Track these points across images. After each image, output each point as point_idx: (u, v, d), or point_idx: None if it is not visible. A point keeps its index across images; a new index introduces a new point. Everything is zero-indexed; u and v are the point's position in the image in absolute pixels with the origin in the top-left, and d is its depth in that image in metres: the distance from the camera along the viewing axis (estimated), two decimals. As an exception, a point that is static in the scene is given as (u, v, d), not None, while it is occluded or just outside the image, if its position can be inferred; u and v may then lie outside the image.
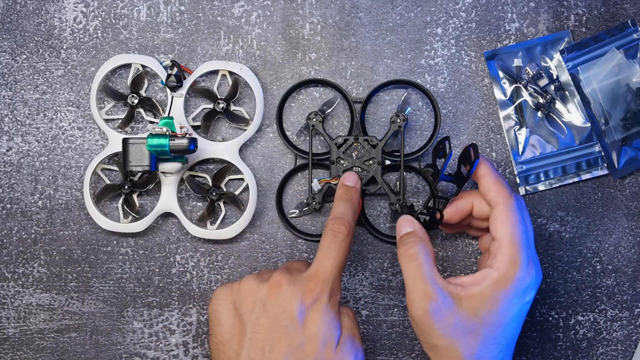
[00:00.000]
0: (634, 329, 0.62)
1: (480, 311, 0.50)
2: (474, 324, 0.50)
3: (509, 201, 0.52)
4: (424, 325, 0.50)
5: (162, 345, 0.63)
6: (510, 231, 0.51)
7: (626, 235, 0.62)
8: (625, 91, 0.61)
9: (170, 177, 0.61)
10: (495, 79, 0.62)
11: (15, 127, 0.63)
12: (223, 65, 0.61)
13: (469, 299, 0.50)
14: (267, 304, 0.49)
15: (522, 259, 0.50)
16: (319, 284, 0.48)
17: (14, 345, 0.63)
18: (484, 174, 0.53)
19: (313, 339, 0.47)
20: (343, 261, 0.51)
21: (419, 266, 0.50)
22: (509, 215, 0.51)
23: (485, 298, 0.50)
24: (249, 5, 0.63)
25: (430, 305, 0.49)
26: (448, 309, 0.49)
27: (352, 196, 0.55)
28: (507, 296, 0.50)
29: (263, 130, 0.63)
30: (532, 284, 0.51)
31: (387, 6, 0.63)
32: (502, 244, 0.51)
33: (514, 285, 0.50)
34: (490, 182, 0.53)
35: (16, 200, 0.63)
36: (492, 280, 0.50)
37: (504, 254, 0.50)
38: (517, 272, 0.50)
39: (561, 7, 0.62)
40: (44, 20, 0.63)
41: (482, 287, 0.50)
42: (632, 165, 0.62)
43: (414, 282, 0.50)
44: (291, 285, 0.49)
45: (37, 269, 0.63)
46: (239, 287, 0.51)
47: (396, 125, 0.60)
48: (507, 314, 0.50)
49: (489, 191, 0.53)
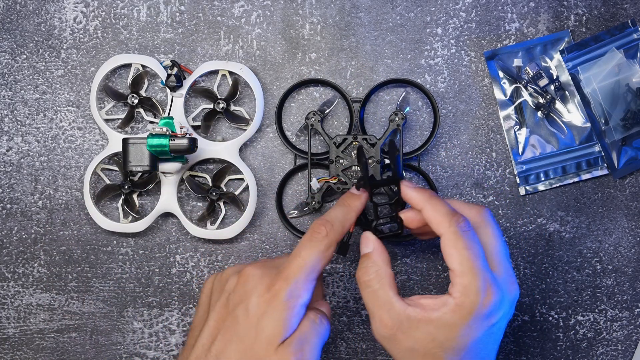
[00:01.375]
0: (634, 329, 0.62)
1: (438, 336, 0.49)
2: (432, 348, 0.49)
3: (449, 230, 0.50)
4: (385, 347, 0.50)
5: (162, 345, 0.63)
6: (458, 260, 0.49)
7: (626, 235, 0.62)
8: (625, 91, 0.61)
9: (170, 177, 0.61)
10: (495, 79, 0.62)
11: (15, 127, 0.63)
12: (223, 65, 0.61)
13: (427, 324, 0.49)
14: (231, 294, 0.49)
15: (478, 286, 0.48)
16: (280, 280, 0.48)
17: (14, 345, 0.63)
18: (421, 207, 0.51)
19: (259, 333, 0.47)
20: (314, 262, 0.49)
21: (373, 292, 0.50)
22: (453, 244, 0.49)
23: (443, 324, 0.49)
24: (249, 5, 0.63)
25: (385, 331, 0.49)
26: (404, 333, 0.49)
27: (351, 203, 0.53)
28: (466, 322, 0.48)
29: (263, 130, 0.63)
30: (495, 308, 0.49)
31: (387, 6, 0.63)
32: (455, 273, 0.49)
33: (472, 313, 0.48)
34: (429, 215, 0.51)
35: (16, 200, 0.63)
36: (450, 307, 0.49)
37: (458, 284, 0.49)
38: (473, 299, 0.48)
39: (561, 7, 0.62)
40: (44, 20, 0.63)
41: (440, 314, 0.49)
42: (632, 165, 0.62)
43: (372, 308, 0.50)
44: (256, 279, 0.49)
45: (37, 269, 0.63)
46: (219, 276, 0.52)
47: (395, 124, 0.60)
48: (467, 338, 0.49)
49: (431, 224, 0.51)
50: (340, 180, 0.61)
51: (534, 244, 0.62)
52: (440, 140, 0.63)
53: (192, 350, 0.49)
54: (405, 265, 0.62)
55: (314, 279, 0.49)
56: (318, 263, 0.49)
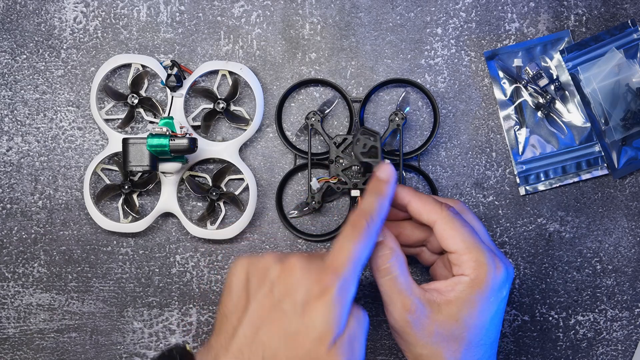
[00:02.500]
0: (634, 329, 0.62)
1: (460, 315, 0.49)
2: (456, 329, 0.49)
3: (443, 213, 0.51)
4: (407, 335, 0.50)
5: (162, 345, 0.63)
6: (461, 239, 0.50)
7: (626, 235, 0.62)
8: (625, 91, 0.61)
9: (170, 177, 0.61)
10: (495, 79, 0.62)
11: (15, 127, 0.63)
12: (223, 65, 0.61)
13: (447, 305, 0.49)
14: (276, 285, 0.47)
15: (487, 258, 0.50)
16: (329, 274, 0.46)
17: (14, 345, 0.63)
18: (408, 200, 0.52)
19: (309, 330, 0.45)
20: (361, 255, 0.47)
21: (394, 279, 0.50)
22: (451, 225, 0.50)
23: (463, 301, 0.49)
24: (249, 5, 0.63)
25: (409, 316, 0.49)
26: (428, 317, 0.49)
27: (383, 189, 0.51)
28: (484, 295, 0.50)
29: (263, 130, 0.63)
30: (504, 278, 0.50)
31: (387, 6, 0.63)
32: (460, 253, 0.50)
33: (489, 285, 0.50)
34: (418, 206, 0.52)
35: (16, 200, 0.63)
36: (466, 284, 0.49)
37: (467, 261, 0.50)
38: (487, 272, 0.50)
39: (561, 7, 0.62)
40: (44, 20, 0.63)
41: (457, 292, 0.49)
42: (632, 165, 0.62)
43: (391, 295, 0.50)
44: (303, 271, 0.46)
45: (37, 269, 0.63)
46: (256, 262, 0.49)
47: (394, 124, 0.60)
48: (487, 313, 0.50)
49: (420, 214, 0.52)
50: (340, 180, 0.61)
51: (534, 244, 0.62)
52: (440, 140, 0.63)
53: (232, 340, 0.46)
54: (405, 265, 0.62)
55: (360, 272, 0.48)
56: (363, 255, 0.48)
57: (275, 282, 0.47)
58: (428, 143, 0.61)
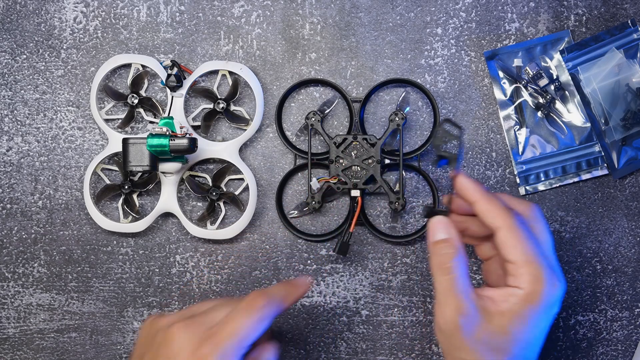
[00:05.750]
0: (634, 329, 0.62)
1: (510, 328, 0.48)
2: (503, 341, 0.48)
3: (508, 222, 0.50)
4: (454, 338, 0.49)
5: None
6: (522, 251, 0.49)
7: (626, 235, 0.62)
8: (625, 91, 0.61)
9: (170, 177, 0.61)
10: (495, 79, 0.62)
11: (15, 127, 0.63)
12: (223, 65, 0.61)
13: (499, 316, 0.48)
14: (160, 350, 0.48)
15: (545, 274, 0.49)
16: (208, 345, 0.47)
17: (14, 345, 0.63)
18: (475, 199, 0.51)
19: None
20: (248, 333, 0.48)
21: (453, 280, 0.49)
22: (514, 235, 0.49)
23: (515, 315, 0.48)
24: (249, 5, 0.63)
25: (461, 319, 0.48)
26: (478, 324, 0.48)
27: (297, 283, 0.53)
28: (536, 311, 0.48)
29: (263, 130, 0.63)
30: (559, 295, 0.49)
31: (387, 6, 0.63)
32: (519, 265, 0.49)
33: (542, 301, 0.48)
34: (485, 207, 0.50)
35: (16, 200, 0.63)
36: (519, 298, 0.48)
37: (524, 274, 0.49)
38: (543, 288, 0.48)
39: (561, 7, 0.62)
40: (44, 20, 0.63)
41: (510, 305, 0.49)
42: (632, 165, 0.62)
43: (447, 295, 0.49)
44: (183, 341, 0.48)
45: (37, 269, 0.63)
46: (155, 323, 0.50)
47: (394, 124, 0.60)
48: (537, 329, 0.49)
49: (485, 216, 0.51)
50: (340, 180, 0.61)
51: (534, 244, 0.62)
52: (440, 140, 0.63)
53: None
54: (405, 265, 0.62)
55: (245, 346, 0.48)
56: (251, 333, 0.48)
57: (160, 347, 0.48)
58: (428, 143, 0.61)
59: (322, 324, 0.62)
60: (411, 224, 0.62)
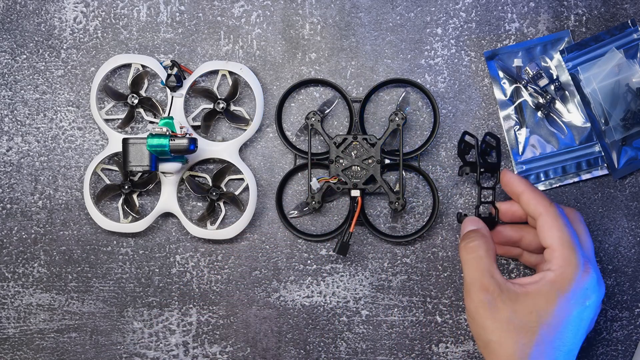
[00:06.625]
0: (634, 329, 0.62)
1: (536, 308, 0.50)
2: (529, 321, 0.49)
3: (550, 209, 0.52)
4: (479, 317, 0.50)
5: (162, 345, 0.63)
6: (558, 235, 0.51)
7: (626, 235, 0.62)
8: (625, 91, 0.61)
9: (170, 177, 0.61)
10: (495, 79, 0.62)
11: (15, 127, 0.63)
12: (223, 65, 0.61)
13: (525, 296, 0.50)
14: None
15: (577, 259, 0.50)
16: None
17: (14, 345, 0.63)
18: (521, 190, 0.54)
19: None
20: None
21: (478, 259, 0.51)
22: (553, 221, 0.52)
23: (542, 295, 0.50)
24: (249, 5, 0.63)
25: (485, 296, 0.50)
26: (504, 302, 0.50)
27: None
28: (565, 295, 0.50)
29: (263, 130, 0.63)
30: (591, 285, 0.50)
31: (387, 6, 0.63)
32: (554, 248, 0.51)
33: (572, 285, 0.50)
34: (529, 196, 0.54)
35: (16, 200, 0.63)
36: (549, 279, 0.50)
37: (557, 257, 0.51)
38: (573, 271, 0.50)
39: (561, 7, 0.62)
40: (44, 20, 0.63)
41: (539, 286, 0.50)
42: (632, 165, 0.62)
43: (472, 274, 0.51)
44: None
45: (37, 269, 0.63)
46: None
47: (394, 124, 0.60)
48: (564, 314, 0.50)
49: (529, 205, 0.54)
50: (340, 180, 0.61)
51: (534, 244, 0.62)
52: (440, 140, 0.63)
53: None
54: (405, 265, 0.62)
55: None
56: None
57: None
58: (428, 143, 0.61)
59: (322, 324, 0.62)
60: (411, 224, 0.62)
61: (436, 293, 0.62)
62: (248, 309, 0.62)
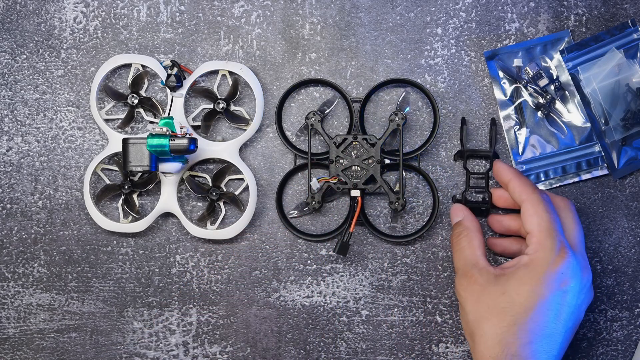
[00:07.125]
0: (634, 329, 0.62)
1: (508, 288, 0.52)
2: (501, 301, 0.52)
3: (532, 195, 0.54)
4: (460, 298, 0.54)
5: (162, 345, 0.63)
6: (537, 221, 0.53)
7: (626, 235, 0.62)
8: (625, 91, 0.61)
9: (170, 177, 0.61)
10: (495, 79, 0.62)
11: (15, 127, 0.63)
12: (223, 65, 0.61)
13: (501, 278, 0.53)
14: None
15: (553, 243, 0.52)
16: None
17: (14, 345, 0.63)
18: (509, 178, 0.56)
19: None
20: None
21: (461, 250, 0.56)
22: (534, 207, 0.54)
23: (515, 278, 0.52)
24: (249, 5, 0.63)
25: (465, 280, 0.54)
26: (480, 285, 0.53)
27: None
28: (537, 277, 0.51)
29: (263, 130, 0.63)
30: (567, 270, 0.52)
31: (387, 6, 0.63)
32: (533, 233, 0.53)
33: (545, 268, 0.51)
34: (515, 184, 0.56)
35: (16, 200, 0.63)
36: (523, 262, 0.53)
37: (534, 242, 0.53)
38: (546, 255, 0.52)
39: (561, 7, 0.62)
40: (44, 20, 0.63)
41: (514, 269, 0.53)
42: (632, 165, 0.62)
43: (457, 263, 0.56)
44: None
45: (37, 269, 0.63)
46: None
47: (394, 124, 0.60)
48: (537, 297, 0.51)
49: (514, 192, 0.56)
50: (340, 180, 0.61)
51: (534, 244, 0.62)
52: (440, 140, 0.63)
53: None
54: (405, 265, 0.62)
55: None
56: None
57: None
58: (428, 143, 0.61)
59: (322, 324, 0.62)
60: (411, 224, 0.62)
61: (436, 293, 0.62)
62: (248, 309, 0.63)
